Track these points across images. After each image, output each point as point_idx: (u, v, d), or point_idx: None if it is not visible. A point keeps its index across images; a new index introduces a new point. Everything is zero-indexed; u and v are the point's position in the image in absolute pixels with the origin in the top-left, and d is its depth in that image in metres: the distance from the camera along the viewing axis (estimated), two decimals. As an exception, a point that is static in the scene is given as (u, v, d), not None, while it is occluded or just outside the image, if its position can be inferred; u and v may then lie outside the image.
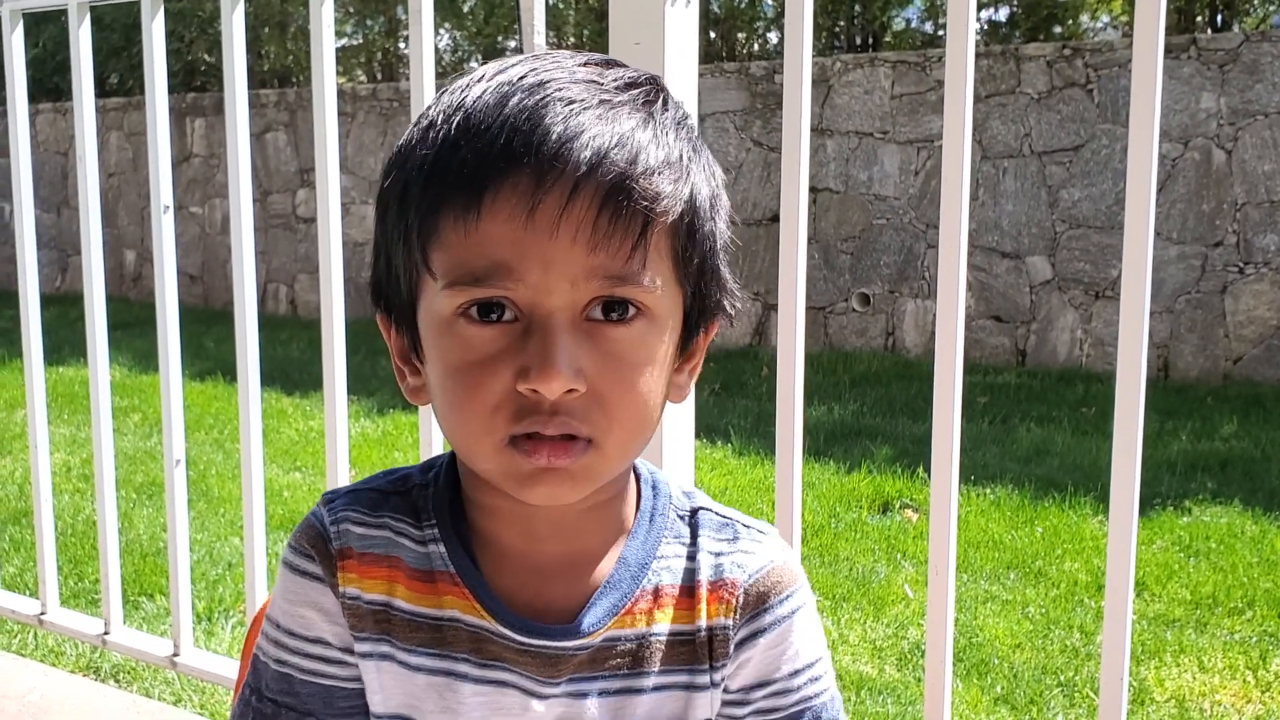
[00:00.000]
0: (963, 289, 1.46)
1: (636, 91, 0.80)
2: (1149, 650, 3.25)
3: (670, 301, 0.82)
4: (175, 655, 2.27)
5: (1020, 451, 5.23)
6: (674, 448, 1.60)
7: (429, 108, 0.82)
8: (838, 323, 7.63)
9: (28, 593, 2.93)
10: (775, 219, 7.64)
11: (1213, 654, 3.23)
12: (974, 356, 6.98)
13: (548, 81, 0.78)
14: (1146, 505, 4.28)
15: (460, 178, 0.76)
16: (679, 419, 1.61)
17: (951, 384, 1.45)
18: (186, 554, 2.28)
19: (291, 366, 7.19)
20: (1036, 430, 5.56)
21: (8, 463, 5.15)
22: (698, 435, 1.94)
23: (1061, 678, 3.11)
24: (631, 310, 0.79)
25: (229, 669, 2.26)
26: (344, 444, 2.00)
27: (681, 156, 0.80)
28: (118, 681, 2.89)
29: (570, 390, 0.77)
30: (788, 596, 0.90)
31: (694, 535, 0.91)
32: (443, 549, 0.87)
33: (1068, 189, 6.85)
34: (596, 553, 0.88)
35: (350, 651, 0.88)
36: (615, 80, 0.80)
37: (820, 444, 5.31)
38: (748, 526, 0.92)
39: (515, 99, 0.77)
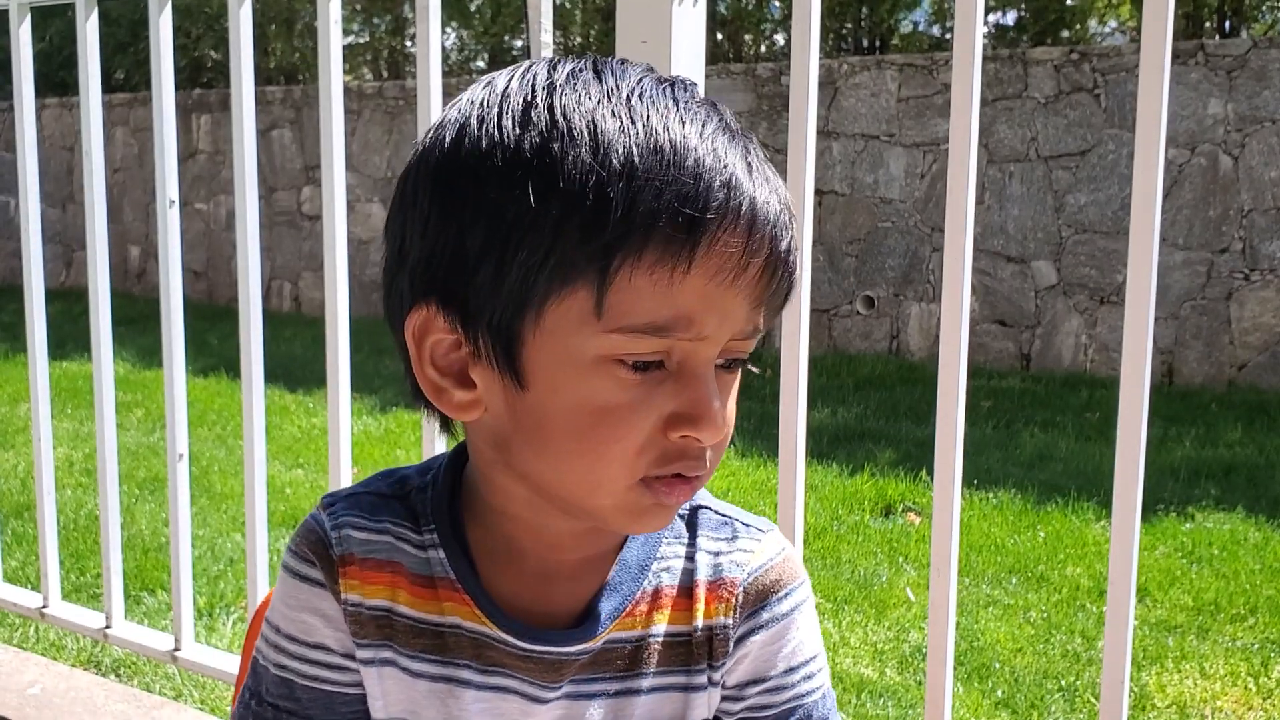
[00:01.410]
0: (967, 293, 1.46)
1: (730, 119, 0.80)
2: (1150, 656, 3.25)
3: None
4: (176, 650, 2.27)
5: (1023, 456, 5.22)
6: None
7: (575, 109, 0.75)
8: (842, 325, 7.63)
9: (29, 586, 2.94)
10: (780, 221, 7.63)
11: (1214, 660, 3.23)
12: (978, 360, 6.97)
13: (697, 115, 0.76)
14: (1149, 511, 4.27)
15: (676, 220, 0.71)
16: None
17: (956, 387, 1.45)
18: (189, 549, 2.28)
19: (294, 363, 7.19)
20: (1040, 435, 5.55)
21: (10, 456, 5.15)
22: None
23: (1063, 682, 3.11)
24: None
25: (230, 664, 2.26)
26: (347, 441, 2.00)
27: (788, 201, 0.79)
28: (118, 676, 2.89)
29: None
30: (787, 594, 0.90)
31: (692, 534, 0.90)
32: (442, 554, 0.86)
33: (1074, 194, 6.85)
34: (597, 557, 0.88)
35: (351, 657, 0.88)
36: (699, 105, 0.78)
37: (823, 446, 5.31)
38: (747, 525, 0.92)
39: (718, 140, 0.75)
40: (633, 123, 0.73)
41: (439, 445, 1.82)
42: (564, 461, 0.77)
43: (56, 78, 11.77)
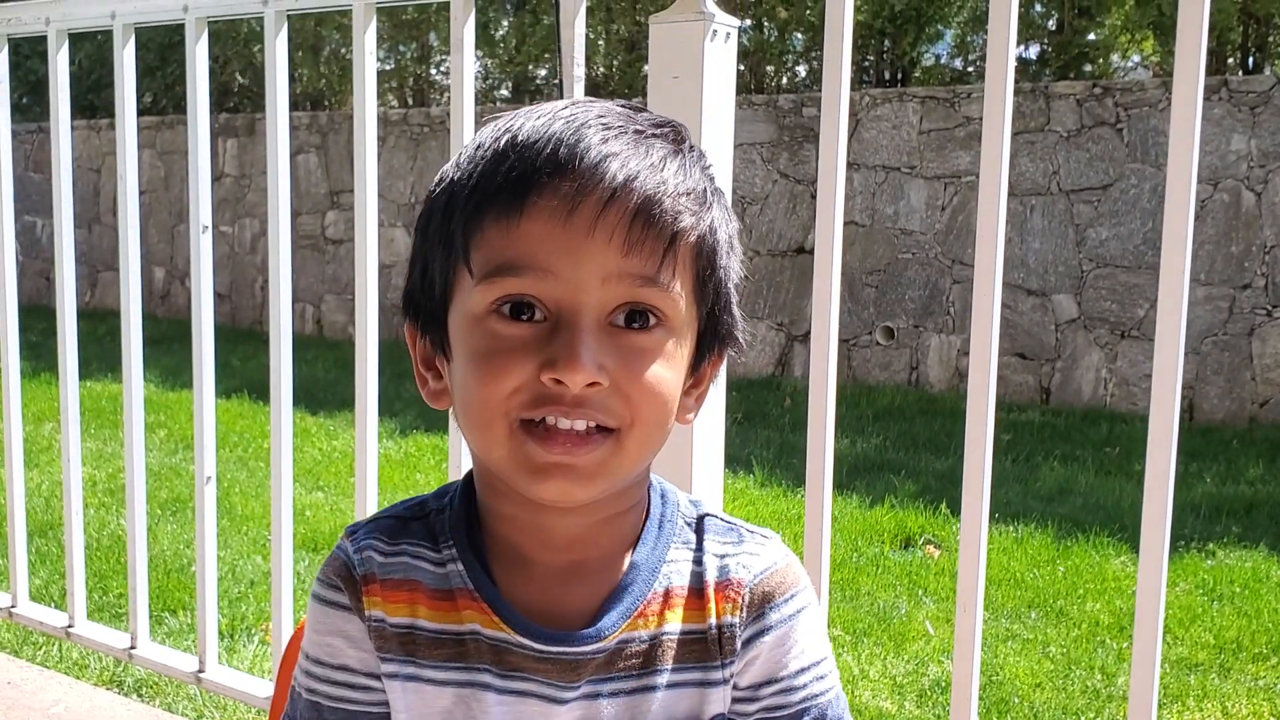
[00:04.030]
0: (996, 330, 1.47)
1: (666, 130, 0.88)
2: (1171, 694, 3.23)
3: (687, 318, 0.88)
4: (200, 671, 2.29)
5: (1044, 490, 5.20)
6: (703, 478, 1.61)
7: (476, 136, 0.90)
8: (861, 356, 7.63)
9: (53, 605, 2.95)
10: (800, 250, 7.65)
11: (1236, 700, 3.21)
12: (998, 393, 6.90)
13: (588, 111, 0.86)
14: (1170, 547, 4.24)
15: (506, 181, 0.83)
16: (708, 449, 1.62)
17: (984, 422, 1.45)
18: (215, 571, 2.30)
19: (316, 386, 7.22)
20: (1060, 469, 5.53)
21: (34, 475, 5.19)
22: (726, 466, 1.94)
23: (1082, 719, 3.09)
24: (652, 320, 0.85)
25: (252, 685, 2.27)
26: (374, 466, 2.02)
27: (705, 190, 0.87)
28: (141, 696, 2.90)
29: (593, 384, 0.81)
30: (791, 596, 0.94)
31: (700, 540, 0.95)
32: (460, 567, 0.91)
33: (1095, 228, 6.85)
34: (609, 559, 0.92)
35: (375, 676, 0.92)
36: (647, 120, 0.88)
37: (843, 477, 5.30)
38: (751, 531, 0.97)
39: (559, 123, 0.84)
40: (500, 125, 0.87)
41: (466, 465, 1.84)
42: (466, 415, 0.86)
43: (85, 100, 11.89)
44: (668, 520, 0.95)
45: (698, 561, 0.94)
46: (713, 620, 0.92)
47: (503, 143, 0.85)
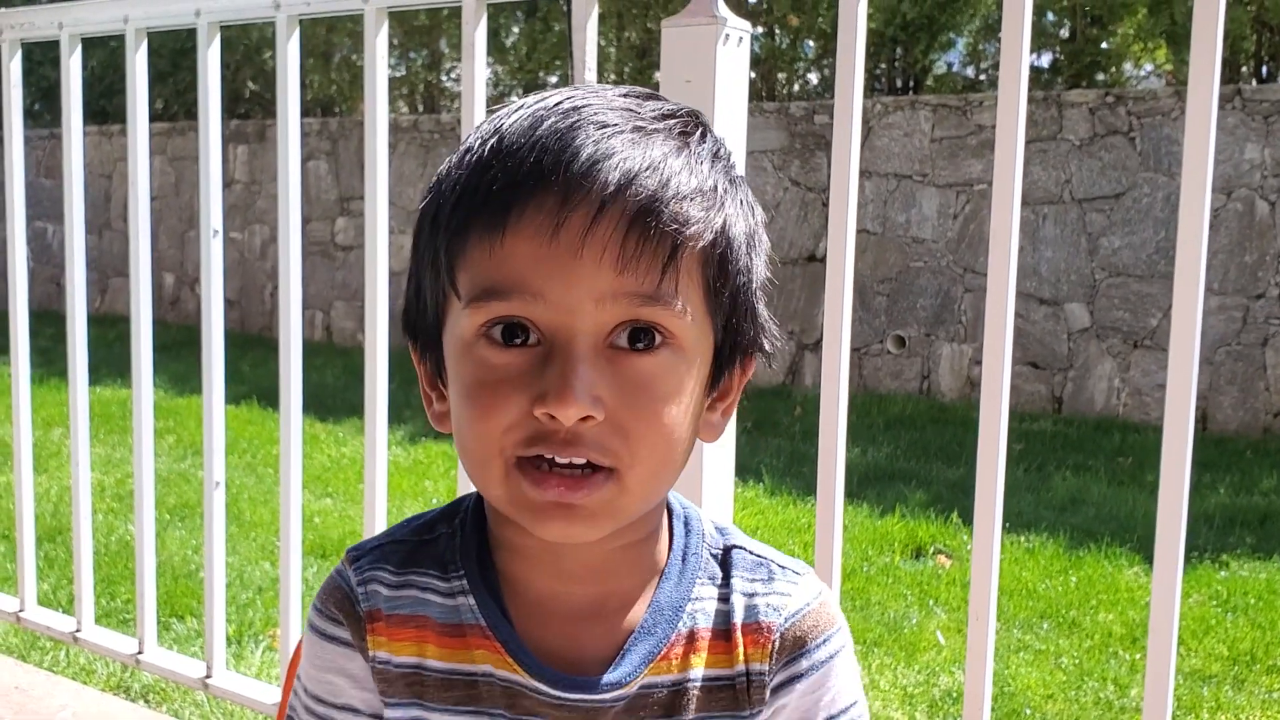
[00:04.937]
0: (1009, 339, 1.46)
1: (673, 121, 0.80)
2: (1185, 706, 3.20)
3: (699, 333, 0.80)
4: (208, 677, 2.28)
5: (1056, 500, 5.18)
6: (713, 487, 1.60)
7: (468, 135, 0.83)
8: (872, 364, 7.61)
9: (61, 610, 2.95)
10: (811, 258, 7.64)
11: (1251, 712, 3.18)
12: (1010, 403, 6.90)
13: (582, 107, 0.78)
14: (1184, 559, 4.22)
15: (488, 196, 0.76)
16: (718, 458, 1.61)
17: (997, 431, 1.44)
18: (223, 577, 2.29)
19: (325, 393, 7.22)
20: (1072, 479, 5.51)
21: (43, 480, 5.19)
22: (736, 474, 1.93)
23: (1095, 731, 3.07)
24: (658, 339, 0.77)
25: (259, 692, 2.26)
26: (383, 472, 2.01)
27: (716, 187, 0.79)
28: (148, 702, 2.90)
29: (587, 418, 0.75)
30: (825, 640, 0.88)
31: (726, 575, 0.88)
32: (472, 601, 0.85)
33: (1108, 236, 6.82)
34: (629, 595, 0.86)
35: (379, 717, 0.87)
36: (652, 110, 0.80)
37: (854, 486, 5.28)
38: (783, 567, 0.89)
39: (548, 122, 0.77)
40: (490, 124, 0.80)
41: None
42: (461, 449, 0.81)
43: (96, 106, 11.93)
44: (692, 553, 0.88)
45: (724, 599, 0.87)
46: (741, 666, 0.86)
47: (488, 148, 0.78)
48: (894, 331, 7.52)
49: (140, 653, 2.38)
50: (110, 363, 7.07)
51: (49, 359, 6.80)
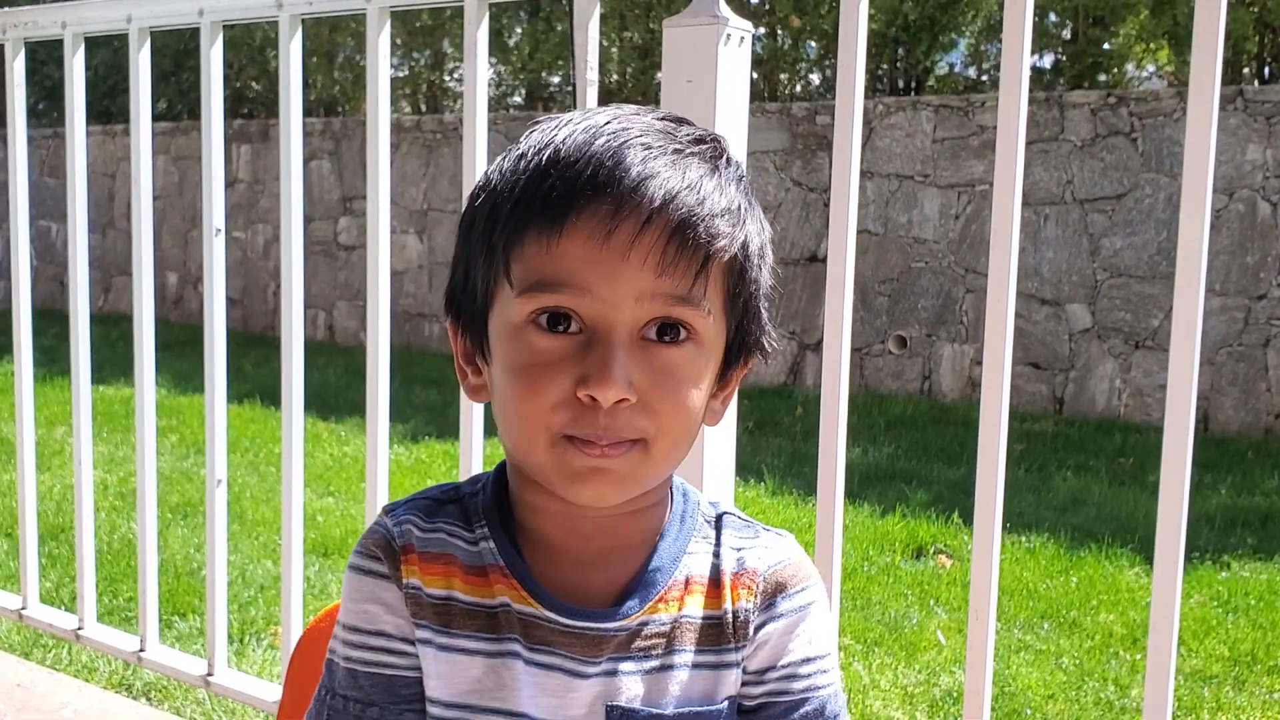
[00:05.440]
0: (1010, 339, 1.46)
1: (704, 147, 0.91)
2: (1185, 706, 3.20)
3: (716, 331, 0.92)
4: (209, 674, 2.28)
5: (1057, 500, 5.18)
6: (714, 484, 1.60)
7: (518, 143, 0.93)
8: (874, 364, 7.61)
9: (63, 607, 2.96)
10: (813, 259, 7.64)
11: (1251, 712, 3.18)
12: (1011, 403, 6.87)
13: (629, 128, 0.89)
14: (1185, 559, 4.22)
15: (547, 201, 0.87)
16: (720, 455, 1.62)
17: (997, 432, 1.45)
18: (225, 574, 2.29)
19: (328, 392, 7.23)
20: (1073, 479, 5.51)
21: (45, 479, 5.20)
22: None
23: (1095, 731, 3.07)
24: (683, 333, 0.89)
25: (261, 689, 2.27)
26: (385, 471, 2.01)
27: (739, 206, 0.91)
28: (150, 699, 2.90)
29: (622, 400, 0.86)
30: (802, 589, 0.99)
31: (718, 535, 1.00)
32: (493, 545, 0.95)
33: (1109, 237, 6.82)
34: (633, 549, 0.97)
35: (409, 641, 0.95)
36: (687, 135, 0.91)
37: (855, 486, 5.28)
38: (767, 530, 1.02)
39: (601, 140, 0.88)
40: (543, 136, 0.90)
41: (476, 468, 1.83)
42: (504, 421, 0.92)
43: (100, 106, 11.93)
44: (689, 516, 1.00)
45: (716, 555, 0.99)
46: (728, 606, 0.97)
47: (545, 157, 0.88)
48: (895, 332, 7.52)
49: (142, 650, 2.39)
50: (113, 361, 7.08)
51: (52, 357, 6.81)
